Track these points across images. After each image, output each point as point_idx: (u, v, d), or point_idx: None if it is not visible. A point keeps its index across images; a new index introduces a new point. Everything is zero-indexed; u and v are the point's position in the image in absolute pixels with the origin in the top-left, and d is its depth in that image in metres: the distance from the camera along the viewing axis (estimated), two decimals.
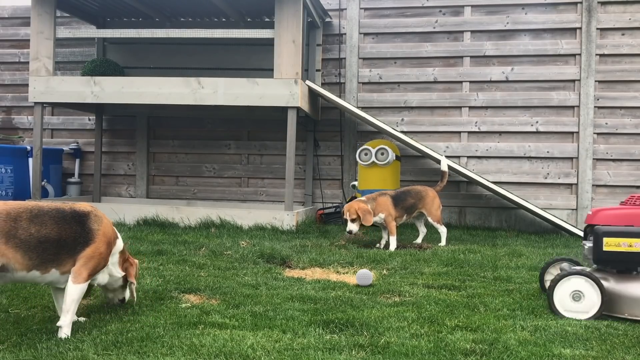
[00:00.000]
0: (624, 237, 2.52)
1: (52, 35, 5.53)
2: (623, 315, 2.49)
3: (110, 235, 2.32)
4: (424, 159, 5.99)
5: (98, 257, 2.24)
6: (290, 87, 5.15)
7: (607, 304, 2.50)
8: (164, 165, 6.56)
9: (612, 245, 2.52)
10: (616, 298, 2.51)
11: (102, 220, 2.30)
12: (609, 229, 2.54)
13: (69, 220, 2.21)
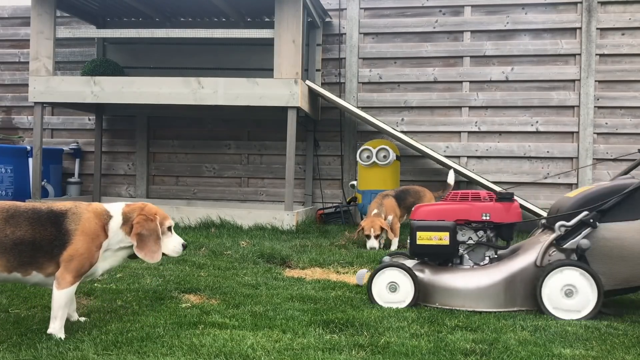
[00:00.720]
0: (434, 231, 2.63)
1: (52, 35, 5.53)
2: (435, 304, 2.60)
3: (93, 231, 2.16)
4: (424, 159, 5.99)
5: (79, 259, 2.11)
6: (290, 87, 5.14)
7: (422, 294, 2.61)
8: (164, 165, 6.56)
9: (424, 239, 2.64)
10: (430, 288, 2.62)
11: (80, 217, 2.16)
12: (421, 224, 2.67)
13: (44, 221, 2.11)
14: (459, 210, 2.71)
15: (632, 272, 2.50)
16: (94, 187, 6.48)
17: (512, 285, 2.55)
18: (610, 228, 2.51)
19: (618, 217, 2.52)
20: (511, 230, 2.73)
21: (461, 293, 2.57)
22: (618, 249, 2.50)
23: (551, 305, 2.49)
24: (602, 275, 2.50)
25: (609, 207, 2.52)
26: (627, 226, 2.50)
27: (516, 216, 2.73)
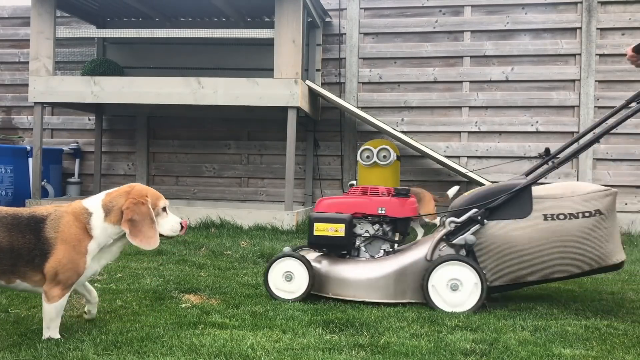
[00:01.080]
0: (331, 223, 2.70)
1: (52, 35, 5.53)
2: (328, 294, 2.66)
3: (74, 237, 1.99)
4: (424, 159, 5.99)
5: (64, 270, 1.96)
6: (290, 87, 5.14)
7: (317, 284, 2.66)
8: (164, 165, 6.56)
9: (321, 230, 2.70)
10: (324, 279, 2.68)
11: (59, 223, 1.99)
12: (319, 215, 2.73)
13: (23, 228, 1.96)
14: (357, 204, 2.79)
15: (518, 268, 2.57)
16: (94, 187, 6.48)
17: (402, 278, 2.63)
18: (498, 225, 2.59)
19: (507, 215, 2.60)
20: (406, 225, 2.82)
21: (353, 284, 2.65)
22: (505, 245, 2.57)
23: (437, 298, 2.56)
24: (490, 271, 2.58)
25: (497, 205, 2.60)
26: (515, 224, 2.58)
27: (411, 211, 2.81)
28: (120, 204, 2.06)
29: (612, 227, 2.57)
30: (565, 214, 2.55)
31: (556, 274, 2.58)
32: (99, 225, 2.04)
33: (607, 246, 2.55)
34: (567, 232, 2.53)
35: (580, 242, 2.53)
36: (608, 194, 2.58)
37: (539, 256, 2.55)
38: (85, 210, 2.05)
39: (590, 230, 2.54)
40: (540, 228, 2.55)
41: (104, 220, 2.05)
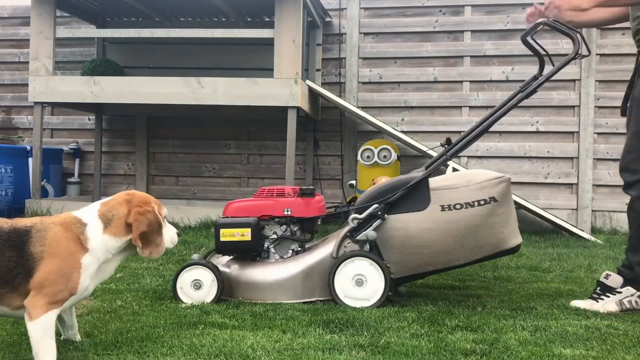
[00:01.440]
0: (237, 228, 2.69)
1: (52, 35, 5.53)
2: (238, 298, 2.66)
3: (64, 250, 1.74)
4: (424, 159, 5.99)
5: (52, 282, 1.69)
6: (290, 87, 5.14)
7: (228, 289, 2.67)
8: (164, 165, 6.56)
9: (227, 236, 2.69)
10: (234, 283, 2.69)
11: (45, 235, 1.73)
12: (224, 221, 2.72)
13: (2, 245, 1.70)
14: (262, 206, 2.80)
15: (420, 259, 2.62)
16: (93, 187, 6.48)
17: (310, 277, 2.66)
18: (398, 219, 2.64)
19: (406, 208, 2.64)
20: (313, 224, 2.86)
21: (261, 286, 2.66)
22: (406, 238, 2.61)
23: (343, 294, 2.60)
24: (394, 264, 2.62)
25: (396, 199, 2.64)
26: (414, 217, 2.62)
27: (317, 210, 2.85)
28: (121, 213, 1.85)
29: (507, 213, 2.62)
30: (461, 203, 2.60)
31: (457, 262, 2.64)
32: (96, 237, 1.81)
33: (504, 231, 2.60)
34: (464, 221, 2.59)
35: (478, 230, 2.59)
36: (501, 181, 2.63)
37: (439, 246, 2.60)
38: (77, 220, 1.82)
39: (486, 217, 2.59)
40: (439, 219, 2.60)
41: (102, 232, 1.82)
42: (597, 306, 2.58)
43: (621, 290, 2.60)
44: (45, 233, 1.74)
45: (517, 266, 3.68)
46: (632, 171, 2.62)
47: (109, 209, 1.87)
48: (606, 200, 5.72)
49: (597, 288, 2.66)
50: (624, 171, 2.65)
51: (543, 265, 3.72)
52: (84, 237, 1.79)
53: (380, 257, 2.62)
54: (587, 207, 5.71)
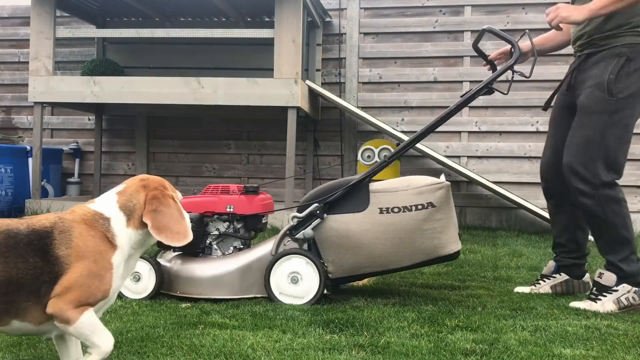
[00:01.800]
0: None
1: (51, 35, 5.53)
2: (177, 293, 2.69)
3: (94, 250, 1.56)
4: (424, 159, 5.99)
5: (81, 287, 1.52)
6: (290, 87, 5.14)
7: (167, 283, 2.70)
8: (164, 165, 6.56)
9: None
10: (174, 278, 2.72)
11: (71, 235, 1.55)
12: None
13: (24, 250, 1.49)
14: (206, 203, 2.85)
15: (357, 260, 2.65)
16: (93, 187, 6.48)
17: (248, 274, 2.68)
18: (337, 219, 2.67)
19: (345, 209, 2.68)
20: (256, 222, 2.89)
21: (199, 281, 2.69)
22: (344, 238, 2.64)
23: (278, 292, 2.63)
24: (332, 263, 2.65)
25: (335, 199, 2.68)
26: (352, 218, 2.65)
27: (259, 208, 2.88)
28: (142, 201, 1.66)
29: (446, 219, 2.65)
30: (399, 207, 2.63)
31: (392, 266, 2.67)
32: (122, 232, 1.63)
33: (441, 237, 2.63)
34: (401, 225, 2.62)
35: (414, 234, 2.62)
36: (440, 187, 2.66)
37: (376, 248, 2.63)
38: (99, 215, 1.62)
39: (423, 222, 2.62)
40: (376, 221, 2.63)
41: (126, 225, 1.64)
42: (597, 307, 2.59)
43: (617, 288, 2.61)
44: (70, 234, 1.54)
45: (517, 266, 3.68)
46: (579, 177, 2.63)
47: (127, 198, 1.67)
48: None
49: (594, 288, 2.68)
50: (572, 176, 2.65)
51: (543, 265, 3.71)
52: (111, 234, 1.60)
53: (318, 256, 2.65)
54: None
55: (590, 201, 2.63)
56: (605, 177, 2.62)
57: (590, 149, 2.62)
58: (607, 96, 2.60)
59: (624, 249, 2.62)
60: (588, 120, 2.65)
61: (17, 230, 1.52)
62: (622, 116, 2.60)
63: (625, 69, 2.59)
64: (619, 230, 2.62)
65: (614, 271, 2.62)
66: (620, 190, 2.68)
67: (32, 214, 5.36)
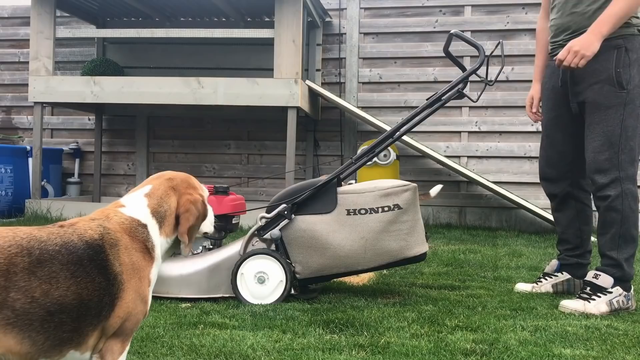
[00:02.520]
0: None
1: (51, 35, 5.53)
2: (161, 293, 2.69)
3: (139, 265, 1.37)
4: (424, 159, 5.99)
5: (134, 313, 1.35)
6: (290, 87, 5.14)
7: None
8: (164, 165, 6.56)
9: None
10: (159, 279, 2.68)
11: (119, 249, 1.34)
12: None
13: (89, 267, 1.27)
14: None
15: (324, 261, 2.67)
16: (93, 187, 6.48)
17: (216, 273, 2.69)
18: (305, 220, 2.69)
19: (313, 210, 2.70)
20: (226, 222, 2.89)
21: (166, 280, 2.69)
22: (312, 239, 2.67)
23: (245, 291, 2.64)
24: (299, 264, 2.67)
25: (303, 200, 2.70)
26: (320, 219, 2.68)
27: (229, 208, 2.88)
28: (172, 206, 1.47)
29: (412, 221, 2.68)
30: (366, 208, 2.66)
31: (359, 267, 2.69)
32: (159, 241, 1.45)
33: (408, 239, 2.67)
34: (367, 226, 2.65)
35: (380, 235, 2.65)
36: (407, 189, 2.70)
37: (342, 249, 2.65)
38: (136, 222, 1.41)
39: (389, 224, 2.65)
40: (344, 222, 2.67)
41: (159, 233, 1.45)
42: (590, 307, 2.58)
43: (612, 290, 2.61)
44: (118, 248, 1.34)
45: (517, 266, 3.67)
46: (604, 172, 2.63)
47: (158, 202, 1.46)
48: None
49: (587, 288, 2.65)
50: (596, 173, 2.65)
51: (543, 265, 3.72)
52: (150, 244, 1.41)
53: (286, 256, 2.67)
54: None
55: (614, 193, 2.61)
56: (629, 169, 2.62)
57: (614, 142, 2.61)
58: (618, 89, 2.61)
59: (629, 248, 2.63)
60: (605, 116, 2.63)
61: (74, 243, 1.28)
62: (633, 107, 2.62)
63: (626, 60, 2.61)
64: (630, 227, 2.62)
65: (611, 272, 2.62)
66: (637, 189, 2.67)
67: (32, 214, 5.38)
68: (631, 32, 2.63)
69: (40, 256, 1.22)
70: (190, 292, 2.68)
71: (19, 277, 1.18)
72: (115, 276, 1.31)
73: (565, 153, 2.86)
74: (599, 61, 2.62)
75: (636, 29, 2.64)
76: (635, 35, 2.64)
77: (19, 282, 1.18)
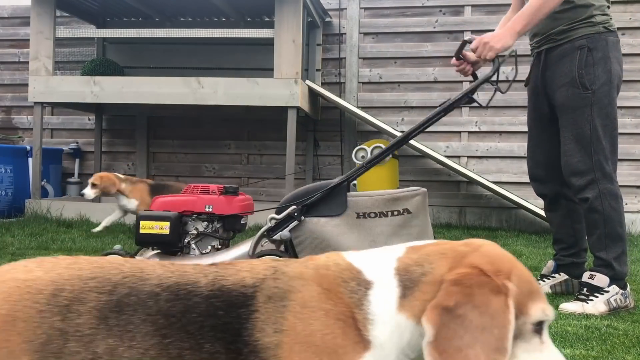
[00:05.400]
0: (156, 221, 2.75)
1: (51, 35, 5.53)
2: None
3: (323, 341, 0.81)
4: (424, 159, 5.99)
5: None
6: (290, 87, 5.14)
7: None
8: (164, 165, 6.55)
9: (147, 228, 2.75)
10: None
11: (286, 307, 0.84)
12: (145, 214, 2.79)
13: (197, 326, 0.83)
14: (185, 202, 2.86)
15: None
16: None
17: None
18: (315, 222, 2.70)
19: (323, 212, 2.70)
20: (235, 222, 2.92)
21: None
22: (322, 241, 2.67)
23: None
24: None
25: (313, 203, 2.70)
26: (330, 221, 2.69)
27: (239, 208, 2.90)
28: (441, 271, 0.88)
29: (421, 226, 2.69)
30: (375, 212, 2.67)
31: None
32: (385, 316, 0.86)
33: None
34: (377, 230, 2.66)
35: (390, 239, 2.65)
36: (417, 194, 2.70)
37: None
38: (349, 273, 0.91)
39: (399, 227, 2.66)
40: (353, 225, 2.67)
41: (397, 305, 0.88)
42: (589, 308, 2.58)
43: (608, 289, 2.62)
44: (285, 304, 0.84)
45: None
46: (580, 174, 2.66)
47: (419, 259, 0.92)
48: None
49: (584, 289, 2.66)
50: (572, 176, 2.69)
51: (543, 265, 3.71)
52: (363, 315, 0.86)
53: (295, 257, 2.66)
54: None
55: (592, 195, 2.64)
56: (605, 168, 2.65)
57: (585, 144, 2.65)
58: (582, 91, 2.66)
59: (616, 247, 2.64)
60: (573, 118, 2.69)
61: (196, 287, 0.86)
62: (601, 106, 2.65)
63: (589, 60, 2.66)
64: (615, 226, 2.64)
65: (604, 272, 2.63)
66: (618, 187, 2.71)
67: (32, 214, 5.38)
68: (596, 30, 2.66)
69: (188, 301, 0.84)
70: None
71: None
72: (258, 346, 0.81)
73: (551, 153, 2.89)
74: (564, 63, 2.69)
75: (601, 26, 2.68)
76: (600, 34, 2.67)
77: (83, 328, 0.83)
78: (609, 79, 2.68)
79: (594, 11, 2.66)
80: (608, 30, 2.69)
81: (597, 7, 2.67)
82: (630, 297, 2.66)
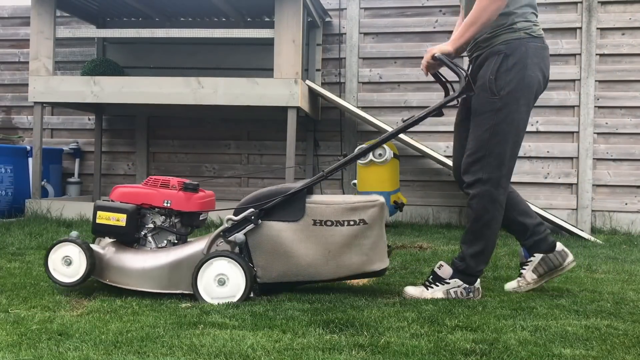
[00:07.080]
0: (113, 212, 2.76)
1: (52, 35, 5.53)
2: (106, 281, 2.72)
3: None
4: (424, 159, 5.99)
5: None
6: (290, 87, 5.14)
7: (99, 270, 2.72)
8: (164, 165, 6.56)
9: (103, 219, 2.76)
10: (105, 265, 2.74)
11: None
12: (102, 204, 2.80)
13: None
14: (144, 195, 2.84)
15: (286, 268, 2.69)
16: (93, 187, 6.48)
17: (177, 270, 2.69)
18: (272, 226, 2.70)
19: (280, 217, 2.71)
20: (193, 218, 2.89)
21: (127, 272, 2.70)
22: (276, 245, 2.69)
23: (204, 292, 2.63)
24: (261, 269, 2.69)
25: (272, 207, 2.70)
26: (287, 226, 2.70)
27: (197, 206, 2.87)
28: None
29: (376, 237, 2.72)
30: (332, 220, 2.69)
31: (320, 277, 2.72)
32: None
33: (369, 254, 2.71)
34: (332, 238, 2.69)
35: (343, 249, 2.69)
36: (373, 205, 2.71)
37: (305, 259, 2.68)
38: None
39: (354, 238, 2.69)
40: (309, 232, 2.69)
41: None
42: (427, 293, 2.75)
43: (449, 281, 2.76)
44: None
45: (517, 266, 3.67)
46: (470, 173, 2.75)
47: None
48: (606, 200, 5.71)
49: (430, 277, 2.81)
50: (465, 173, 2.77)
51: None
52: None
53: (249, 259, 2.67)
54: (587, 207, 5.71)
55: (472, 192, 2.74)
56: (494, 173, 2.70)
57: (482, 146, 2.71)
58: (490, 96, 2.70)
59: (476, 246, 2.75)
60: (479, 121, 2.74)
61: None
62: (507, 112, 2.69)
63: (504, 66, 2.68)
64: (481, 226, 2.75)
65: (456, 264, 2.77)
66: (502, 194, 2.75)
67: (32, 214, 5.38)
68: (517, 36, 2.69)
69: None
70: (149, 286, 2.68)
71: None
72: None
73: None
74: (483, 68, 2.73)
75: (523, 32, 2.70)
76: (520, 39, 2.69)
77: None
78: (521, 86, 2.68)
79: (516, 18, 2.70)
80: (530, 36, 2.70)
81: (519, 14, 2.71)
82: (477, 291, 2.78)
